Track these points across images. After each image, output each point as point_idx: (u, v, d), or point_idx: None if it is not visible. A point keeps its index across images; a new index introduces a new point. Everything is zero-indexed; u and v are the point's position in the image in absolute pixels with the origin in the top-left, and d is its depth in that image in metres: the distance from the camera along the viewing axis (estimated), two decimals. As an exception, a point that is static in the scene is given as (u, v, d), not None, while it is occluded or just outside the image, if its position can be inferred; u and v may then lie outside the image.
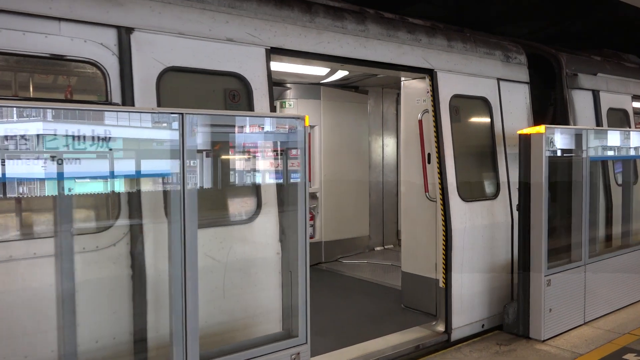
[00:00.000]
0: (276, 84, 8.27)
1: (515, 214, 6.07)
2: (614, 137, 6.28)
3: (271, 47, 4.42)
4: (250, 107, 4.25)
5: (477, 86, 6.12)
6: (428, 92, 5.75)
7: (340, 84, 8.81)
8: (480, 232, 5.87)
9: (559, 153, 5.61)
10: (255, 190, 4.14)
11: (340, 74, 7.37)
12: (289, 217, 3.92)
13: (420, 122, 5.97)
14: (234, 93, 4.22)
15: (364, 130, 9.37)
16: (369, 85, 9.24)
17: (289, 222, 3.96)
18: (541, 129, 5.32)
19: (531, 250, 5.46)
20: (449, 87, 5.80)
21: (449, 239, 5.57)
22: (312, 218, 8.65)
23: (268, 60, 4.38)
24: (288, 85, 8.43)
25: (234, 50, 4.19)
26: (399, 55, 5.41)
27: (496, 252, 6.06)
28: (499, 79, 6.37)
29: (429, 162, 6.00)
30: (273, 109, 4.37)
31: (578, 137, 5.83)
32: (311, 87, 8.57)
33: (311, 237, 8.63)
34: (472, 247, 5.78)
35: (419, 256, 6.27)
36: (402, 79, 6.42)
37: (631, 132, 6.71)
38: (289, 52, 4.58)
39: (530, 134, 5.39)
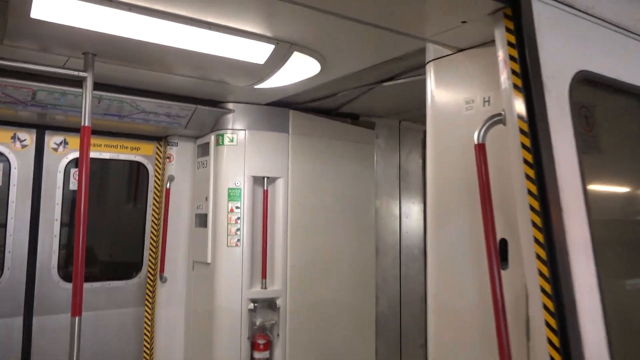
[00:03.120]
0: (207, 102, 4.65)
1: None
2: None
3: None
4: None
5: None
6: (500, 57, 1.97)
7: (325, 108, 5.13)
8: None
9: None
10: None
11: (307, 68, 3.66)
12: None
13: (479, 148, 2.12)
14: None
15: (367, 189, 5.53)
16: (376, 114, 5.52)
17: None
18: None
19: None
20: (567, 47, 2.01)
21: None
22: (267, 346, 4.71)
23: None
24: (230, 106, 4.78)
25: None
26: None
27: None
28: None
29: (504, 267, 2.10)
30: None
31: None
32: (272, 111, 4.91)
33: (264, 382, 4.65)
34: None
35: None
36: (429, 53, 2.66)
37: None
38: None
39: None
